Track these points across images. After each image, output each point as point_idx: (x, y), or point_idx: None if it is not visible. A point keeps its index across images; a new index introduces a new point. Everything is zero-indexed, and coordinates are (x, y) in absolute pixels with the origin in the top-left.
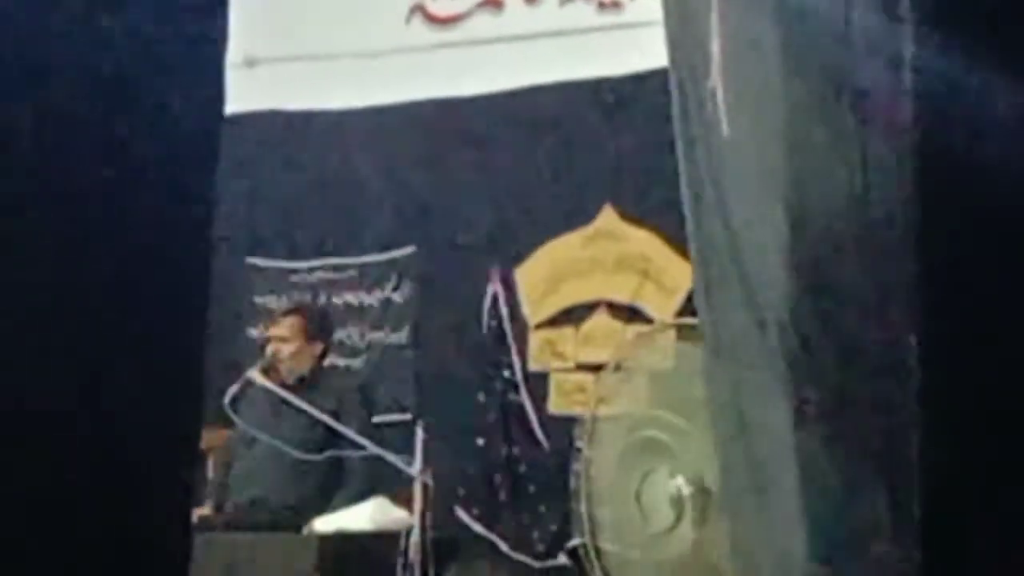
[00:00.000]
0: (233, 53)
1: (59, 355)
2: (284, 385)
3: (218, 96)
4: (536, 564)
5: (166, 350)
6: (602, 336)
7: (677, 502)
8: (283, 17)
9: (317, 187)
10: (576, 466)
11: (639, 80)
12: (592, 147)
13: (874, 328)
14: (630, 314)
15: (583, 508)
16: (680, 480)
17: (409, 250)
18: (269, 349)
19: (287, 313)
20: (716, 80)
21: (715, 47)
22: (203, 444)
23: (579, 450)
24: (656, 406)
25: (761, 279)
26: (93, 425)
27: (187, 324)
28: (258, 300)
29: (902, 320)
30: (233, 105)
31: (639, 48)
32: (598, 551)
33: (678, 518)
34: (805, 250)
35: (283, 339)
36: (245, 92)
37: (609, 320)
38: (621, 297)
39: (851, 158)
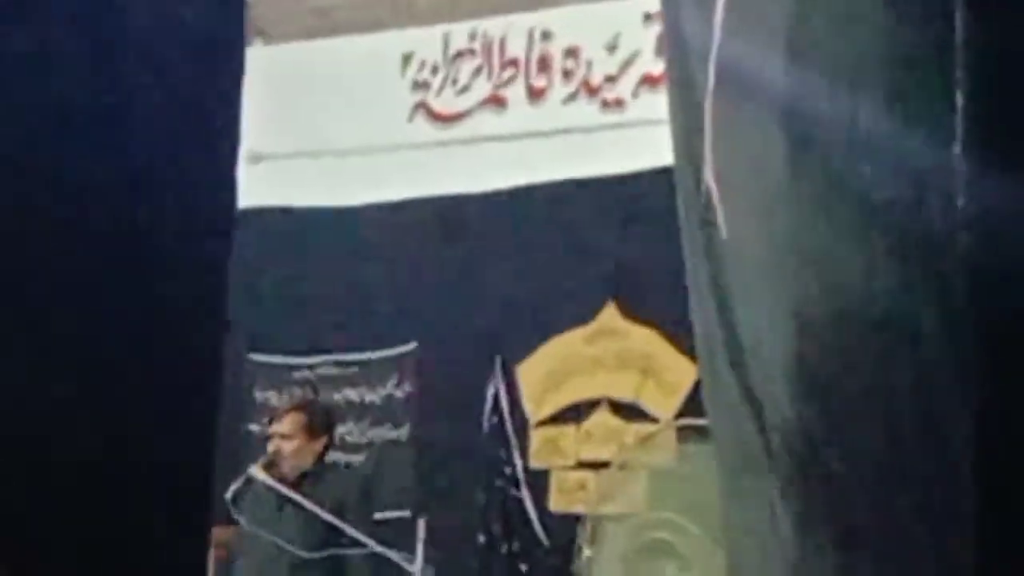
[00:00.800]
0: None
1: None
2: (285, 481)
3: (231, 191)
4: None
5: (176, 443)
6: (603, 434)
7: None
8: (287, 113)
9: (319, 283)
10: (577, 565)
11: (642, 178)
12: (595, 245)
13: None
14: (631, 412)
15: None
16: None
17: (411, 346)
18: (271, 446)
19: (289, 410)
20: (710, 181)
21: (707, 146)
22: None
23: (580, 549)
24: (657, 506)
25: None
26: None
27: (197, 419)
28: (259, 396)
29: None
30: (239, 201)
31: (642, 147)
32: None
33: None
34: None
35: (285, 436)
36: (249, 187)
37: (610, 418)
38: (623, 395)
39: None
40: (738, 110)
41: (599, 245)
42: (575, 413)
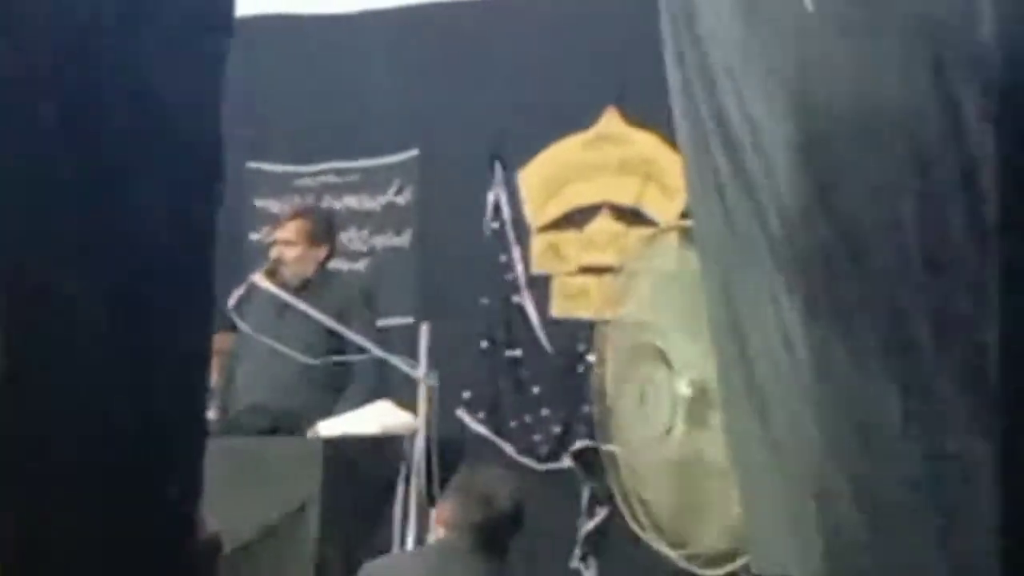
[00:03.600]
0: None
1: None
2: (287, 288)
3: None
4: (540, 467)
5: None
6: (605, 239)
7: (676, 404)
8: None
9: (319, 91)
10: (580, 368)
11: None
12: (597, 49)
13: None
14: (633, 217)
15: (592, 409)
16: (682, 382)
17: (412, 153)
18: (273, 252)
19: (292, 217)
20: None
21: None
22: None
23: (583, 354)
24: (660, 309)
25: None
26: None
27: (196, 225)
28: (260, 204)
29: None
30: (238, 8)
31: None
32: (601, 452)
33: (679, 419)
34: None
35: (288, 242)
36: None
37: (612, 223)
38: (624, 200)
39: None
40: None
41: (601, 50)
42: (577, 219)
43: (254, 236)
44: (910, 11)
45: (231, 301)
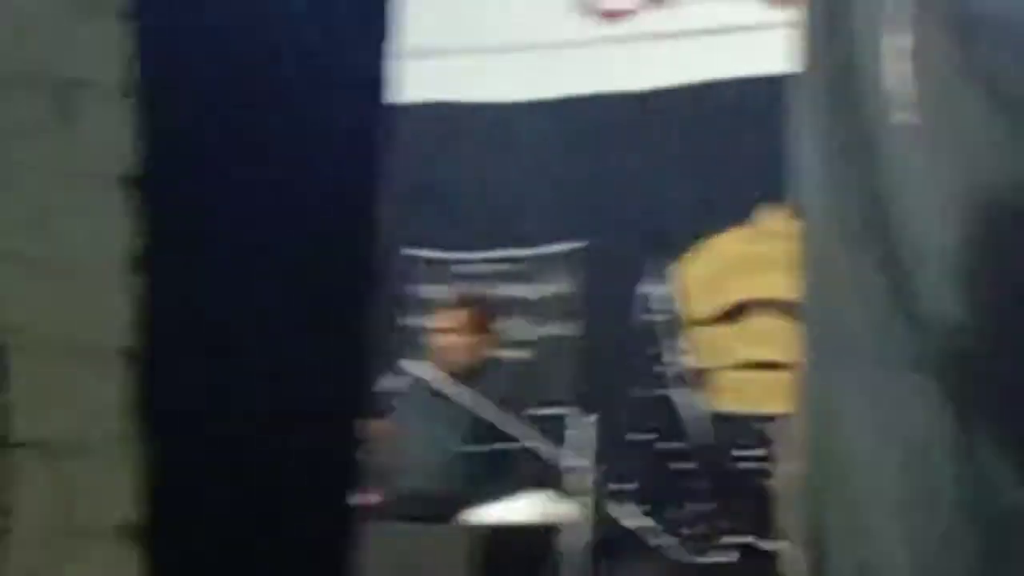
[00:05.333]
0: (403, 43)
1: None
2: (449, 376)
3: (392, 87)
4: (697, 560)
5: (340, 338)
6: (768, 335)
7: None
8: (451, 8)
9: (483, 179)
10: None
11: None
12: (759, 144)
13: None
14: (795, 312)
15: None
16: None
17: (574, 244)
18: (435, 340)
19: (455, 305)
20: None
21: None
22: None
23: (742, 448)
24: None
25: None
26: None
27: (361, 312)
28: (418, 290)
29: None
30: (402, 95)
31: None
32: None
33: None
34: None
35: (450, 330)
36: (413, 82)
37: (774, 318)
38: (788, 296)
39: None
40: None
41: (763, 144)
42: (738, 313)
43: (411, 322)
44: None
45: (387, 386)
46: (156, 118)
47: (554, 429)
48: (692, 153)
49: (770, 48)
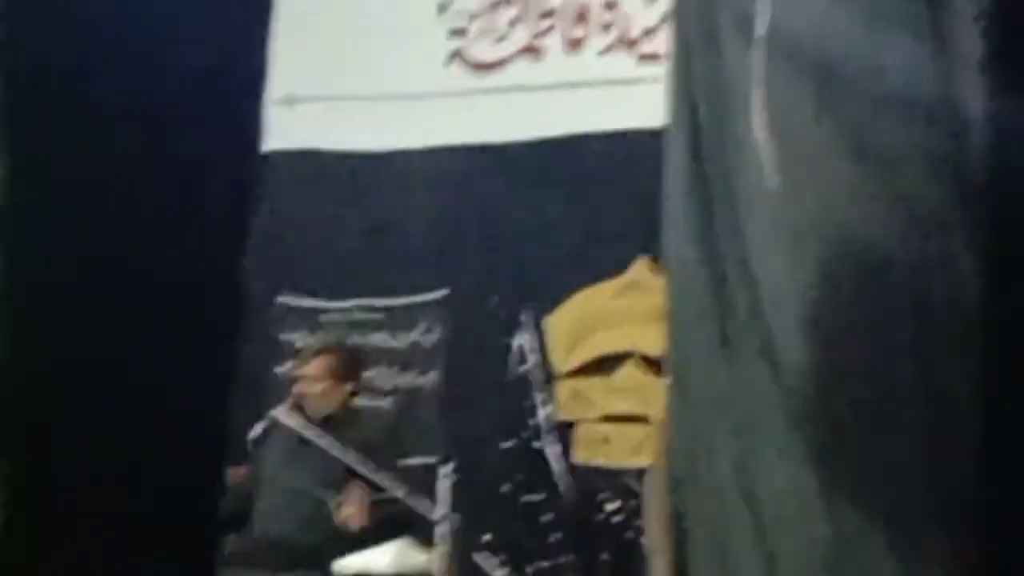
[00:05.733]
0: (273, 90)
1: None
2: (310, 424)
3: (260, 132)
4: None
5: (194, 385)
6: (632, 388)
7: None
8: (323, 56)
9: (350, 227)
10: (600, 516)
11: None
12: (628, 197)
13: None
14: (660, 367)
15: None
16: None
17: (440, 294)
18: (297, 388)
19: (317, 352)
20: (759, 132)
21: (756, 99)
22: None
23: (603, 502)
24: None
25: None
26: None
27: (216, 361)
28: (285, 338)
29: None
30: (270, 143)
31: None
32: None
33: None
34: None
35: (312, 378)
36: (283, 130)
37: (638, 372)
38: (653, 349)
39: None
40: (785, 61)
41: (632, 198)
42: (603, 366)
43: (278, 370)
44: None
45: (251, 434)
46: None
47: (418, 479)
48: (563, 205)
49: (641, 102)
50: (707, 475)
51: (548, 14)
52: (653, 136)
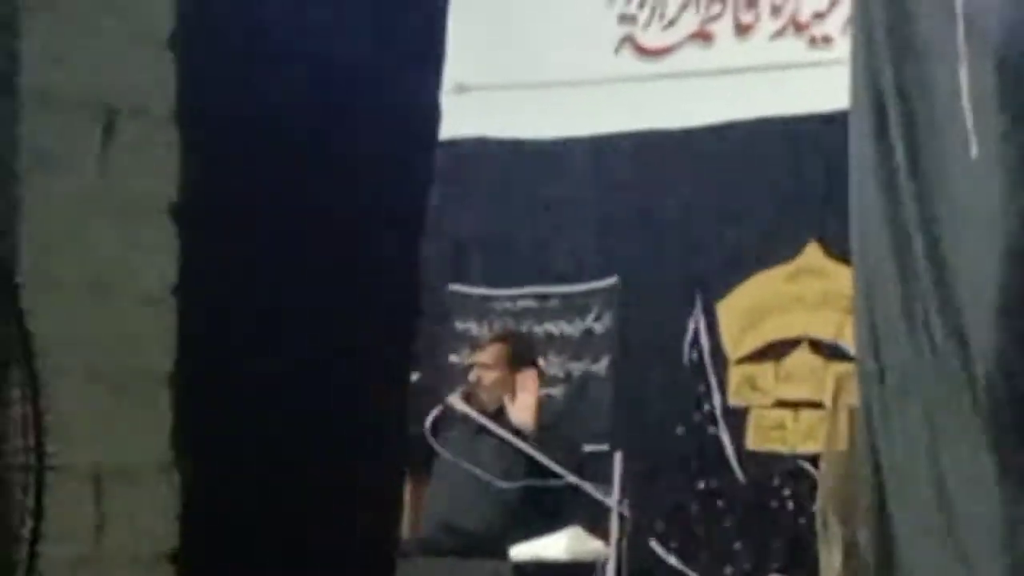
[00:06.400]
0: (445, 80)
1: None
2: (484, 412)
3: (435, 121)
4: None
5: (373, 372)
6: (803, 373)
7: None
8: (493, 45)
9: (519, 215)
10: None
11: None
12: (799, 182)
13: None
14: (832, 352)
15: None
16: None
17: (612, 281)
18: (472, 375)
19: (492, 340)
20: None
21: (963, 73)
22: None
23: (778, 487)
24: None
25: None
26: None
27: (395, 349)
28: (460, 326)
29: None
30: (443, 131)
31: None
32: None
33: None
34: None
35: (487, 366)
36: (454, 118)
37: (811, 357)
38: (824, 335)
39: None
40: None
41: (804, 183)
42: (775, 352)
43: (454, 358)
44: None
45: (427, 422)
46: (200, 146)
47: (590, 466)
48: (734, 191)
49: (812, 86)
50: (902, 461)
51: None
52: (824, 121)
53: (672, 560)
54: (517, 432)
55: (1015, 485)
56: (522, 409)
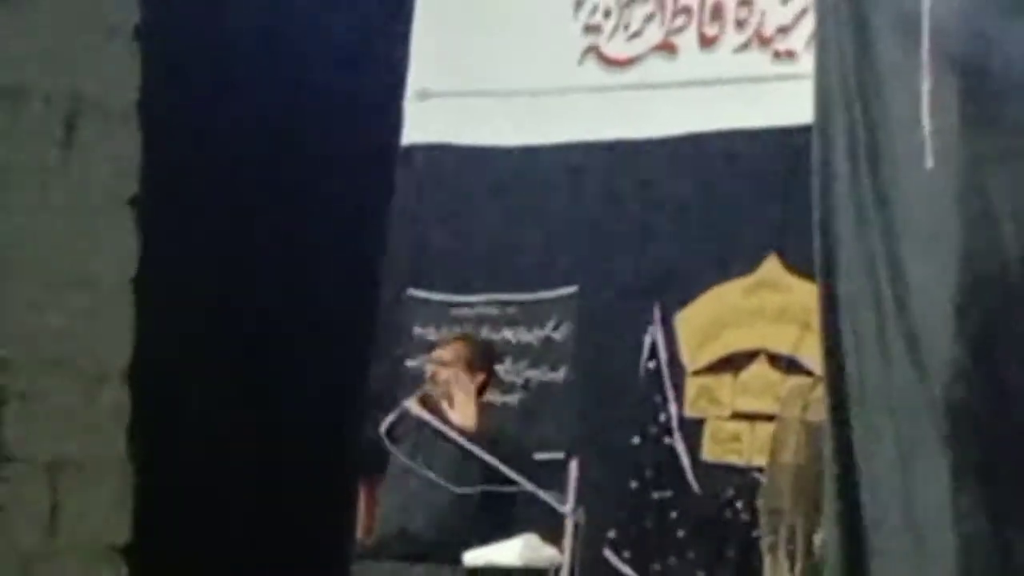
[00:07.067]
0: (408, 86)
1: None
2: (440, 415)
3: (396, 128)
4: None
5: (330, 376)
6: (760, 386)
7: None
8: (457, 52)
9: (482, 222)
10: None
11: (811, 131)
12: (760, 196)
13: None
14: (789, 365)
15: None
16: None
17: (571, 289)
18: (428, 368)
19: (453, 339)
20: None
21: (925, 86)
22: None
23: (731, 499)
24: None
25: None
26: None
27: (351, 353)
28: (418, 331)
29: None
30: (405, 137)
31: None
32: None
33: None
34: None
35: (444, 363)
36: (417, 125)
37: (768, 370)
38: (781, 348)
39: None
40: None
41: (764, 196)
42: (733, 364)
43: (412, 363)
44: None
45: (383, 426)
46: (163, 139)
47: (546, 473)
48: (695, 203)
49: (775, 100)
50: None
51: (683, 11)
52: (786, 134)
53: (625, 569)
54: (472, 437)
55: (971, 501)
56: (458, 409)
